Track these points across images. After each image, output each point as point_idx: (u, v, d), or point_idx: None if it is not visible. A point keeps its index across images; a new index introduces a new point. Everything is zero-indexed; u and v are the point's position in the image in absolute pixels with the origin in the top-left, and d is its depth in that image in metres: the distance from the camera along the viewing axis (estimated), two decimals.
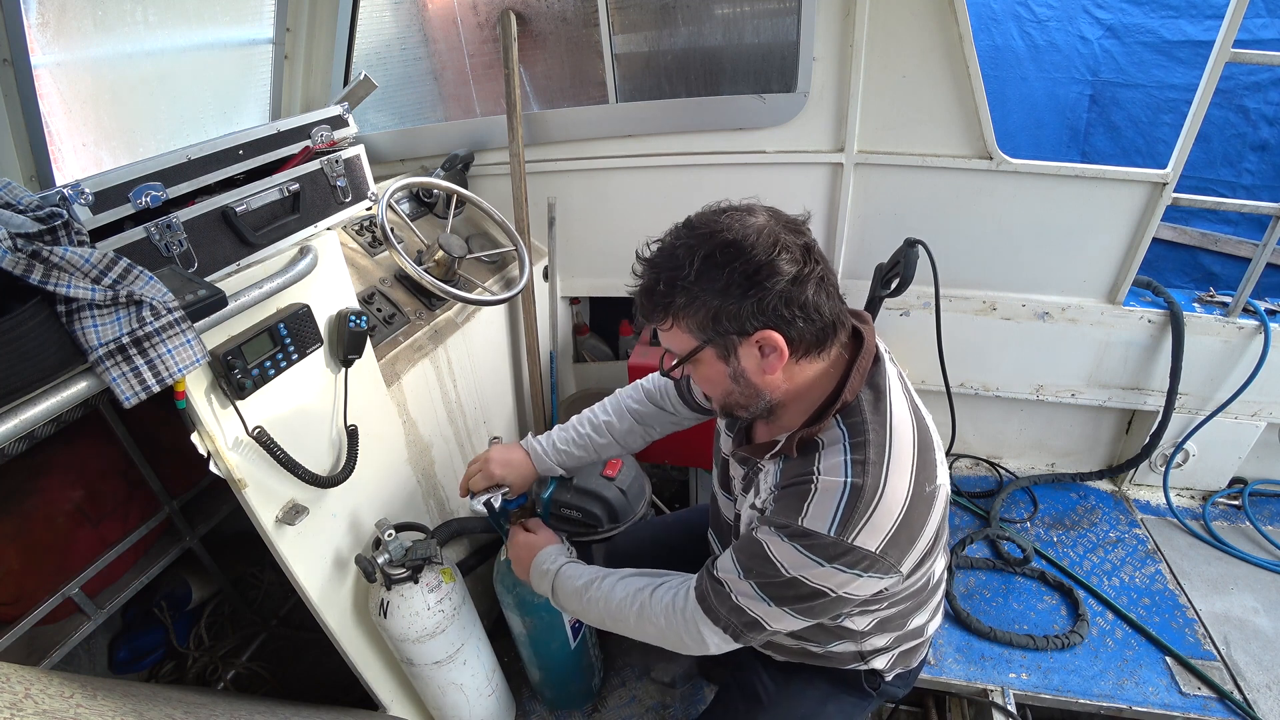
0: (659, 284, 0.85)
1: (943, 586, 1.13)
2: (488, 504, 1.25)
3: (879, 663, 1.12)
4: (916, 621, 1.09)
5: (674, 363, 0.92)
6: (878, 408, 0.89)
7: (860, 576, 0.84)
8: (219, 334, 1.00)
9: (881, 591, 0.92)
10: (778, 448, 0.95)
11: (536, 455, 1.32)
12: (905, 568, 0.86)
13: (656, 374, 1.33)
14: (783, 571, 0.87)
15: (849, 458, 0.86)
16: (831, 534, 0.82)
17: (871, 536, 0.83)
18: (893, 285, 1.77)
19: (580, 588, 1.09)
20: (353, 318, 1.23)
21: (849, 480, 0.84)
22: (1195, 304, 1.98)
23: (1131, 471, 2.18)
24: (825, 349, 0.89)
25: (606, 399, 1.36)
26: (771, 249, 0.81)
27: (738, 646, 0.98)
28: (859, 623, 1.04)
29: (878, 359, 0.93)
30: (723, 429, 1.18)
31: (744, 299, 0.81)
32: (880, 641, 1.09)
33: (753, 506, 1.01)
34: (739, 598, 0.92)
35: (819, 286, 0.84)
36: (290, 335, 1.10)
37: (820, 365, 0.90)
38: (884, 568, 0.84)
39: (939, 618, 1.16)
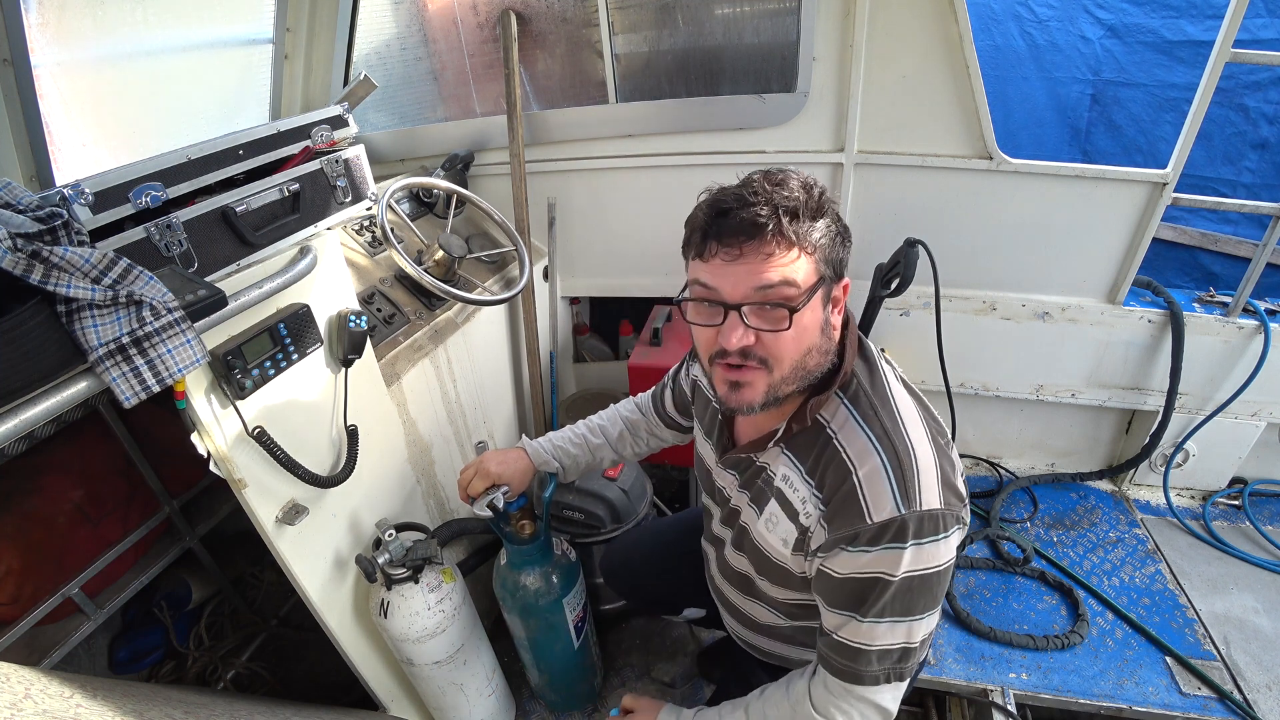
0: (798, 210, 0.79)
1: None
2: (491, 504, 1.25)
3: None
4: None
5: (798, 297, 0.80)
6: (873, 379, 0.90)
7: (944, 538, 0.83)
8: (219, 334, 1.00)
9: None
10: (779, 434, 0.93)
11: (532, 449, 1.33)
12: (965, 516, 0.87)
13: (650, 390, 1.39)
14: (891, 579, 0.83)
15: (869, 434, 0.86)
16: (901, 511, 0.81)
17: (931, 493, 0.82)
18: (893, 285, 1.77)
19: None
20: (353, 318, 1.23)
21: (881, 454, 0.84)
22: (1195, 304, 1.98)
23: (1131, 471, 2.18)
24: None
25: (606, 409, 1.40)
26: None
27: (906, 686, 0.93)
28: None
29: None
30: (700, 440, 1.18)
31: (846, 244, 0.86)
32: None
33: (786, 520, 0.94)
34: (876, 642, 0.87)
35: None
36: (290, 335, 1.10)
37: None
38: (953, 518, 0.84)
39: (921, 668, 1.16)
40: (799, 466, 0.92)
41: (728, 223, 0.79)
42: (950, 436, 0.96)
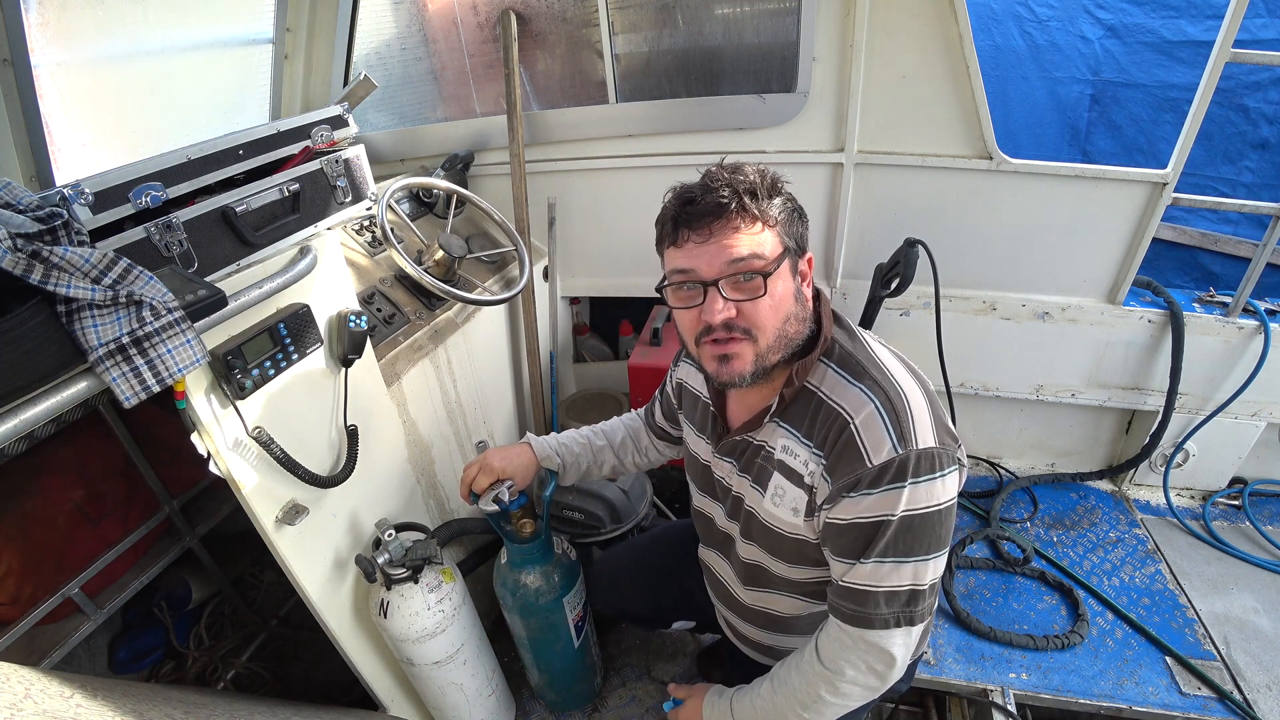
0: (755, 190, 0.87)
1: None
2: (497, 498, 1.25)
3: None
4: None
5: (769, 265, 0.87)
6: (854, 342, 0.96)
7: (940, 476, 0.86)
8: (219, 334, 1.00)
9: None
10: (773, 408, 0.96)
11: (537, 444, 1.34)
12: (962, 458, 0.91)
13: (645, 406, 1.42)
14: (891, 519, 0.86)
15: (859, 386, 0.90)
16: (899, 451, 0.85)
17: (925, 433, 0.87)
18: (893, 285, 1.77)
19: (761, 695, 1.04)
20: (353, 318, 1.23)
21: (874, 400, 0.88)
22: (1195, 304, 1.98)
23: (1131, 471, 2.18)
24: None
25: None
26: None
27: (919, 631, 0.94)
28: None
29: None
30: (693, 439, 1.18)
31: (803, 220, 0.94)
32: None
33: (794, 488, 0.96)
34: (882, 584, 0.89)
35: None
36: (290, 335, 1.10)
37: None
38: (949, 458, 0.88)
39: (930, 616, 1.16)
40: (795, 433, 0.95)
41: (695, 208, 0.87)
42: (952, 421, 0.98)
